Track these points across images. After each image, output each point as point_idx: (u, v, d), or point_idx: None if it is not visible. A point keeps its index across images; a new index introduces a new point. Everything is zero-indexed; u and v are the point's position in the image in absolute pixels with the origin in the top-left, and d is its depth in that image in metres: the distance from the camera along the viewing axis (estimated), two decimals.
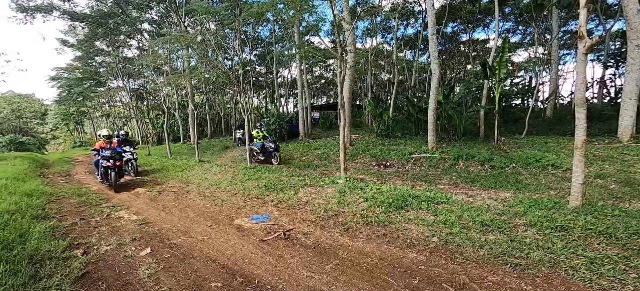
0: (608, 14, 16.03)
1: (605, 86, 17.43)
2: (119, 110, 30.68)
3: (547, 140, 8.22)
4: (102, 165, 6.71)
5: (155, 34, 16.10)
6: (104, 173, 6.74)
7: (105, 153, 6.68)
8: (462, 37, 21.09)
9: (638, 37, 6.83)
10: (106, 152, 6.70)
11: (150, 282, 2.60)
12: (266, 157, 9.53)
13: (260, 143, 9.69)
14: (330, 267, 2.69)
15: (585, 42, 3.46)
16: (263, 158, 9.54)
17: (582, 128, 3.49)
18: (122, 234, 3.83)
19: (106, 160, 6.64)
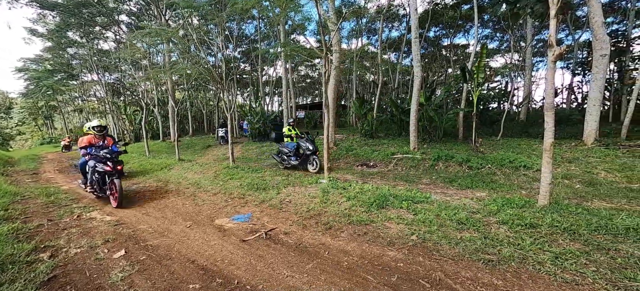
0: (577, 25, 17.13)
1: (573, 92, 18.61)
2: (93, 105, 29.13)
3: (521, 142, 8.65)
4: (96, 171, 5.07)
5: (134, 26, 15.44)
6: (99, 180, 5.17)
7: (100, 153, 5.09)
8: (444, 41, 21.78)
9: (602, 47, 7.33)
10: (102, 151, 5.10)
11: (123, 285, 2.50)
12: (301, 162, 7.65)
13: (293, 143, 7.97)
14: (311, 266, 2.70)
15: (555, 51, 3.67)
16: (296, 163, 7.64)
17: (551, 131, 3.71)
18: (93, 236, 3.65)
19: (102, 162, 5.04)
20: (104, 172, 5.02)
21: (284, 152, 7.97)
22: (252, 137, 14.42)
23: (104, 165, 5.01)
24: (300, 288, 2.36)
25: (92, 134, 5.33)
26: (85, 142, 5.23)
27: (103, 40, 19.19)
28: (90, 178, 5.19)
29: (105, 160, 5.06)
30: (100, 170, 5.02)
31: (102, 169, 5.01)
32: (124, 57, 13.21)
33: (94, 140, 5.28)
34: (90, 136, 5.33)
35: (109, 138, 5.55)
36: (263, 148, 12.16)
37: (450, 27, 19.20)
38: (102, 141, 5.38)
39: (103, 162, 5.06)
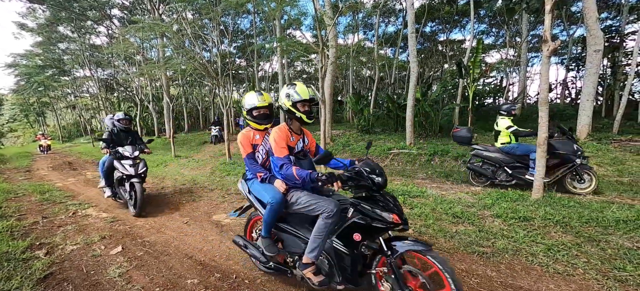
0: (571, 21, 17.24)
1: (567, 88, 18.83)
2: (86, 102, 28.70)
3: None
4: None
5: (127, 21, 15.17)
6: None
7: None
8: (440, 36, 21.79)
9: (596, 42, 7.41)
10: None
11: (121, 281, 2.50)
12: None
13: None
14: None
15: (549, 46, 3.71)
16: None
17: (545, 126, 3.76)
18: (90, 232, 3.63)
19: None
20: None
21: None
22: None
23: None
24: (296, 283, 2.37)
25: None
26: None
27: (95, 35, 18.85)
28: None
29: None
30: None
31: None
32: (117, 52, 13.01)
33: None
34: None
35: None
36: None
37: (446, 23, 19.20)
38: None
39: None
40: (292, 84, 2.10)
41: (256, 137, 2.42)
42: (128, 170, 4.30)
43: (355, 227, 1.85)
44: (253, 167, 2.32)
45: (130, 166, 4.33)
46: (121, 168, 4.33)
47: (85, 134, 26.22)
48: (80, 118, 27.24)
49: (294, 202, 2.03)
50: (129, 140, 4.76)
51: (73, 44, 19.25)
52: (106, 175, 4.65)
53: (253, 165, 2.33)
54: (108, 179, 4.66)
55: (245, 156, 2.36)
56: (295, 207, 2.03)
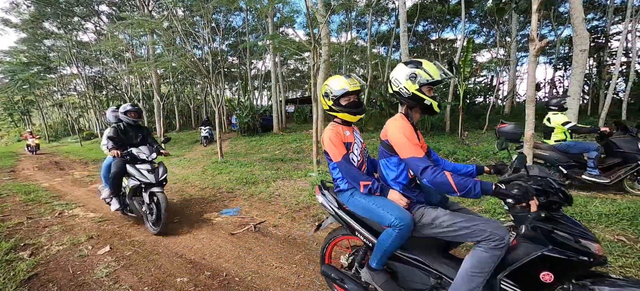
0: (559, 21, 17.62)
1: (555, 87, 19.26)
2: (74, 100, 28.02)
3: None
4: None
5: (115, 17, 14.85)
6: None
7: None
8: (432, 36, 22.00)
9: (582, 42, 7.57)
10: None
11: (108, 281, 2.46)
12: None
13: None
14: (300, 257, 2.73)
15: (536, 45, 3.79)
16: None
17: (531, 123, 3.84)
18: (77, 233, 3.56)
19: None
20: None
21: None
22: (240, 132, 14.26)
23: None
24: (288, 279, 2.39)
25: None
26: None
27: (82, 31, 18.39)
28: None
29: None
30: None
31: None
32: (105, 49, 12.73)
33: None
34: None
35: None
36: (252, 143, 12.05)
37: (438, 22, 19.40)
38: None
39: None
40: (414, 62, 1.60)
41: (346, 132, 1.84)
42: (147, 177, 3.42)
43: (542, 263, 1.28)
44: (353, 173, 1.70)
45: (148, 172, 3.46)
46: (137, 174, 3.44)
47: (73, 133, 25.61)
48: (67, 117, 26.57)
49: (429, 224, 1.50)
50: (139, 139, 3.90)
51: (59, 41, 18.73)
52: (113, 183, 3.70)
53: (352, 170, 1.71)
54: (115, 188, 3.74)
55: (341, 159, 1.72)
56: (430, 229, 1.50)
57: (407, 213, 1.52)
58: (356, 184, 1.70)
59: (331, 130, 1.79)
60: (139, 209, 3.57)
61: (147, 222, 3.51)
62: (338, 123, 1.87)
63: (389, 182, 1.67)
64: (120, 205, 3.80)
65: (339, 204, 1.85)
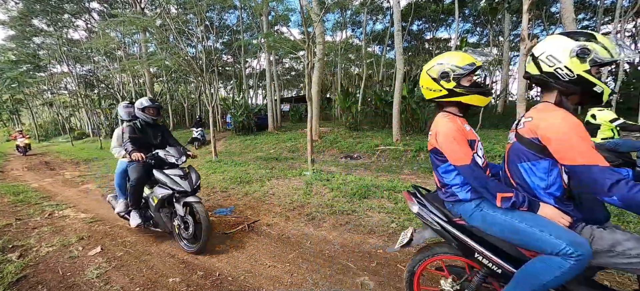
0: (551, 21, 17.89)
1: None
2: (64, 99, 27.52)
3: (498, 133, 9.03)
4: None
5: (106, 14, 14.62)
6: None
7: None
8: (426, 35, 22.16)
9: None
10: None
11: (99, 282, 2.43)
12: None
13: None
14: (293, 256, 2.74)
15: (527, 44, 3.84)
16: None
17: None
18: (67, 234, 3.50)
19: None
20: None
21: None
22: (235, 131, 14.18)
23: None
24: (282, 277, 2.39)
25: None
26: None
27: (73, 29, 18.06)
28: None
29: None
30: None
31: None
32: (97, 47, 12.53)
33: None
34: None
35: None
36: (247, 142, 12.01)
37: (432, 21, 19.54)
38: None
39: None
40: (581, 34, 1.19)
41: (466, 127, 1.46)
42: (180, 184, 2.82)
43: None
44: (484, 181, 1.32)
45: (181, 178, 2.86)
46: (169, 182, 2.83)
47: (64, 133, 25.18)
48: (58, 116, 26.08)
49: (606, 251, 1.13)
50: (159, 139, 3.31)
51: (49, 39, 18.37)
52: (134, 193, 3.05)
53: (482, 177, 1.33)
54: (136, 198, 3.09)
55: (470, 162, 1.34)
56: (608, 258, 1.14)
57: (582, 239, 1.14)
58: (490, 195, 1.30)
59: (450, 124, 1.39)
60: (167, 223, 3.00)
61: (180, 239, 2.94)
62: (455, 115, 1.47)
63: (537, 193, 1.29)
64: (141, 218, 3.14)
65: (446, 217, 1.50)
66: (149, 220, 3.19)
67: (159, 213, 3.01)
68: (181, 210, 2.83)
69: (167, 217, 3.03)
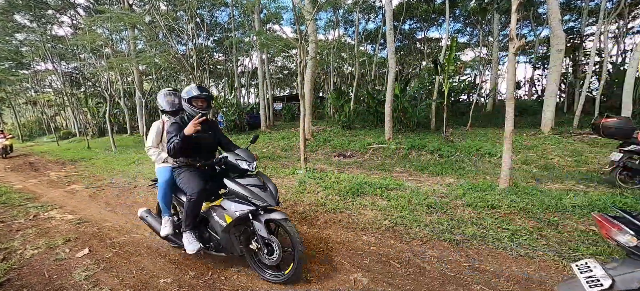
0: (538, 22, 18.31)
1: (533, 85, 20.03)
2: (49, 97, 26.67)
3: (487, 132, 9.20)
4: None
5: (93, 10, 14.22)
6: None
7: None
8: (418, 34, 22.36)
9: (559, 42, 7.93)
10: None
11: (87, 285, 2.37)
12: None
13: None
14: None
15: (515, 44, 3.92)
16: None
17: (511, 120, 3.98)
18: (53, 236, 3.41)
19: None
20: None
21: None
22: (227, 130, 14.03)
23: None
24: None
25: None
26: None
27: (58, 25, 17.49)
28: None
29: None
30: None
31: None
32: (83, 44, 12.18)
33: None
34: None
35: None
36: (239, 141, 11.90)
37: (424, 21, 19.72)
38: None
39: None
40: None
41: None
42: (262, 197, 2.20)
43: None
44: None
45: (260, 189, 2.23)
46: (250, 195, 2.20)
47: (49, 132, 24.42)
48: (42, 115, 25.24)
49: None
50: (213, 137, 2.62)
51: (32, 35, 17.74)
52: (193, 209, 2.35)
53: None
54: (194, 216, 2.40)
55: None
56: None
57: None
58: None
59: None
60: (237, 246, 2.34)
61: (259, 267, 2.37)
62: None
63: None
64: (200, 240, 2.46)
65: None
66: (208, 242, 2.49)
67: (228, 235, 2.30)
68: (263, 230, 2.19)
69: (238, 238, 2.37)
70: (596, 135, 5.07)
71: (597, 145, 6.40)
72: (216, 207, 2.36)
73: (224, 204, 2.30)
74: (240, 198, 2.25)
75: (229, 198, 2.30)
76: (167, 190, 2.63)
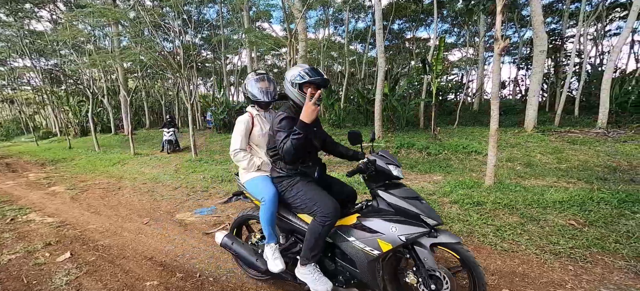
0: (522, 24, 18.87)
1: (518, 85, 20.62)
2: (27, 95, 25.54)
3: (474, 130, 9.42)
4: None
5: (74, 5, 13.68)
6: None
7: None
8: (407, 34, 22.64)
9: (541, 44, 8.18)
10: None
11: (69, 289, 2.29)
12: None
13: None
14: None
15: (500, 44, 4.02)
16: None
17: (495, 119, 4.09)
18: (32, 239, 3.27)
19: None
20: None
21: None
22: (216, 129, 13.82)
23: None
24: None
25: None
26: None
27: (36, 19, 16.75)
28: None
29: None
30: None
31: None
32: (63, 39, 11.70)
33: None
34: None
35: None
36: (228, 140, 11.74)
37: (413, 21, 19.98)
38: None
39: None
40: None
41: None
42: (430, 214, 1.65)
43: None
44: None
45: (419, 202, 1.69)
46: (419, 211, 1.64)
47: (28, 132, 23.41)
48: (20, 114, 24.16)
49: None
50: (319, 134, 2.12)
51: (8, 30, 16.91)
52: (323, 237, 1.75)
53: None
54: (321, 244, 1.77)
55: None
56: None
57: None
58: None
59: None
60: (379, 280, 1.70)
61: None
62: None
63: None
64: (324, 273, 1.85)
65: None
66: (333, 276, 1.86)
67: (375, 267, 1.68)
68: (430, 259, 1.59)
69: (381, 269, 1.75)
70: None
71: (576, 143, 6.65)
72: (351, 229, 1.73)
73: (373, 224, 1.67)
74: (400, 216, 1.65)
75: (378, 217, 1.68)
76: (274, 207, 1.91)
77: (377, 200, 1.75)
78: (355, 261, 1.70)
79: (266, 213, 1.89)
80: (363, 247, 1.66)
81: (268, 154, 2.01)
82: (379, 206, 1.73)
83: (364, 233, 1.68)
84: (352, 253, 1.71)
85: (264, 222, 1.92)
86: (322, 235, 1.71)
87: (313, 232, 1.71)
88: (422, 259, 1.61)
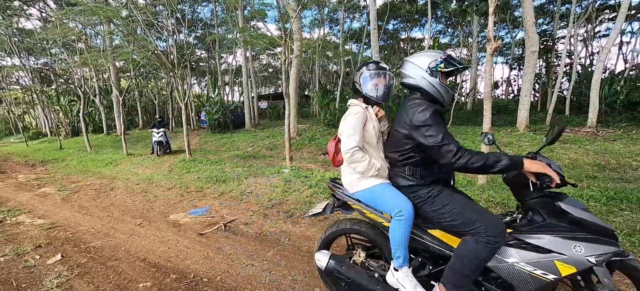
0: (514, 25, 19.14)
1: (510, 85, 20.92)
2: (16, 95, 25.01)
3: (467, 130, 9.53)
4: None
5: (64, 2, 13.44)
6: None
7: None
8: (401, 34, 22.79)
9: (533, 44, 8.31)
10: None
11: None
12: None
13: None
14: (272, 254, 2.71)
15: (492, 45, 4.07)
16: None
17: (488, 118, 4.14)
18: (22, 242, 3.21)
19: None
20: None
21: None
22: (211, 129, 13.72)
23: None
24: (260, 276, 2.36)
25: None
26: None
27: (25, 17, 16.40)
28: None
29: None
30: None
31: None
32: (53, 38, 11.49)
33: None
34: None
35: None
36: (223, 140, 11.66)
37: (407, 21, 20.11)
38: None
39: None
40: None
41: None
42: None
43: None
44: None
45: None
46: (607, 226, 1.37)
47: (17, 132, 22.92)
48: (9, 114, 23.63)
49: None
50: None
51: None
52: (484, 261, 1.44)
53: None
54: (479, 271, 1.47)
55: None
56: None
57: None
58: None
59: None
60: None
61: None
62: None
63: None
64: None
65: None
66: None
67: None
68: (609, 280, 1.30)
69: None
70: None
71: (566, 142, 6.78)
72: (506, 248, 1.44)
73: (544, 243, 1.38)
74: (578, 232, 1.36)
75: (549, 233, 1.39)
76: (409, 227, 1.55)
77: (542, 213, 1.44)
78: (516, 287, 1.40)
79: (403, 230, 1.53)
80: (531, 271, 1.36)
81: (387, 157, 1.71)
82: (546, 220, 1.42)
83: (531, 254, 1.38)
84: (513, 277, 1.40)
85: (396, 242, 1.55)
86: (486, 259, 1.40)
87: (473, 255, 1.39)
88: (602, 279, 1.29)
